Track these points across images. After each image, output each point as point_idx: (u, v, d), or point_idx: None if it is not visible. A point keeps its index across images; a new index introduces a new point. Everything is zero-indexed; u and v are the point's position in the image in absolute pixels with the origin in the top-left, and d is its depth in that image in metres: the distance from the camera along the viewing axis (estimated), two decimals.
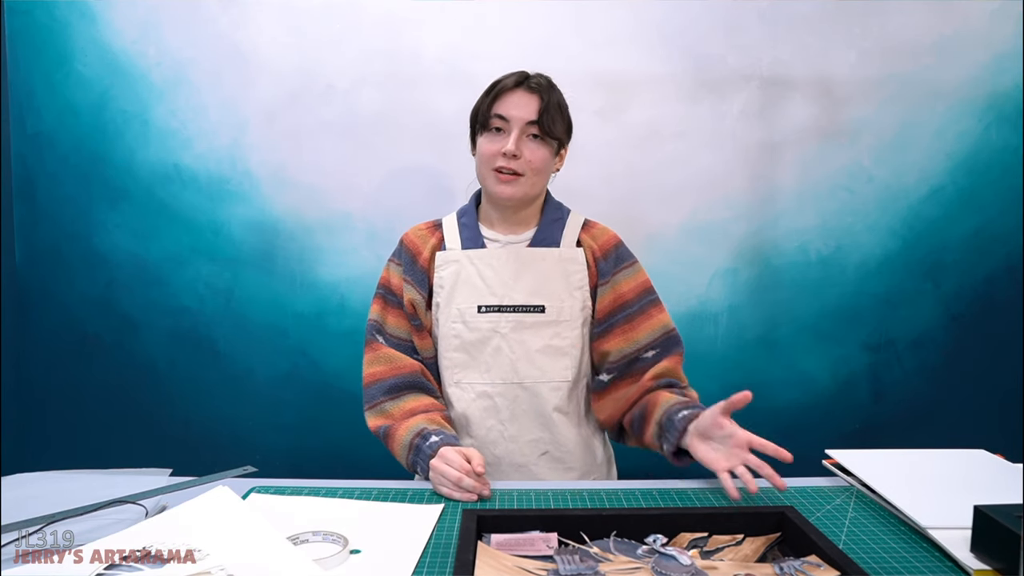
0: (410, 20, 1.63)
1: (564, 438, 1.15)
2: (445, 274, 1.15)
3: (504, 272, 1.13)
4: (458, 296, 1.14)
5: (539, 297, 1.13)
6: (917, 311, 1.72)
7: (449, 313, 1.14)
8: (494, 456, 1.13)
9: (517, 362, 1.12)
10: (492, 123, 1.11)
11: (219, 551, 0.72)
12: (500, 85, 1.12)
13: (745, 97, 1.66)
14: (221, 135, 1.64)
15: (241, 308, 1.68)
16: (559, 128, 1.12)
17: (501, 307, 1.12)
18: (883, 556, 0.76)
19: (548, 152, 1.12)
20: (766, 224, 1.69)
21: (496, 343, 1.12)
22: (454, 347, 1.14)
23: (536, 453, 1.14)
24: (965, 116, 1.67)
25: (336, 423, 1.66)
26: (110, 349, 1.68)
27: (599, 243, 1.17)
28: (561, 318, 1.13)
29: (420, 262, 1.16)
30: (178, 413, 1.69)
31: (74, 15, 1.60)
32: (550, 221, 1.18)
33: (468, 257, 1.15)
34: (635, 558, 0.71)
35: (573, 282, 1.14)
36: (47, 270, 1.66)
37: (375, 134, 1.65)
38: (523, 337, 1.12)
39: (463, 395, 1.14)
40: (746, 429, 0.94)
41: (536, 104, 1.09)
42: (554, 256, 1.15)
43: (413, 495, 0.94)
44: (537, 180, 1.12)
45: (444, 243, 1.17)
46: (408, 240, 1.20)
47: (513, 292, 1.13)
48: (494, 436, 1.13)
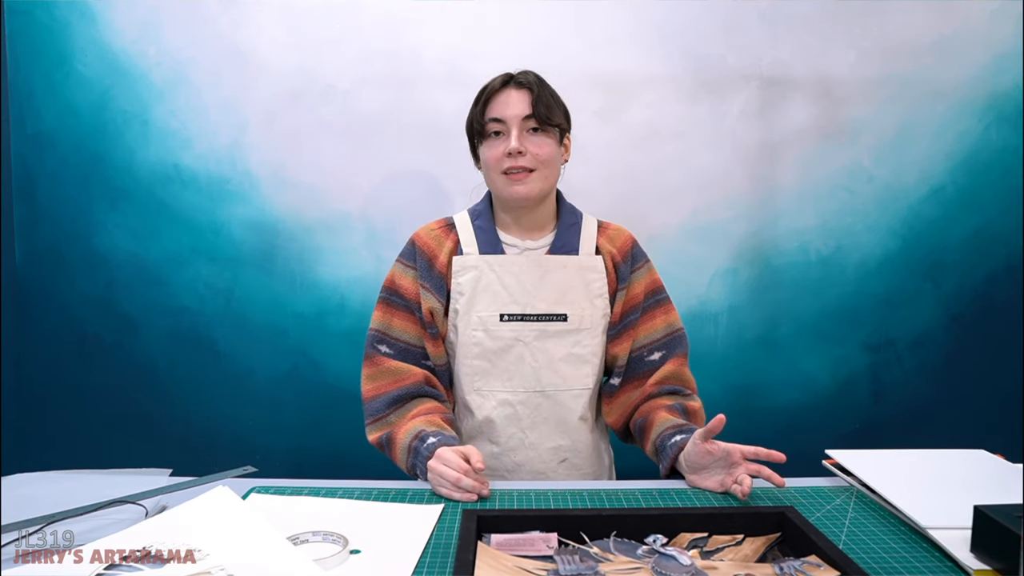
0: (410, 20, 1.63)
1: (583, 445, 1.15)
2: (464, 280, 1.12)
3: (526, 280, 1.11)
4: (479, 303, 1.11)
5: (561, 305, 1.11)
6: (917, 311, 1.72)
7: (469, 321, 1.11)
8: (514, 463, 1.13)
9: (540, 370, 1.11)
10: (489, 128, 1.10)
11: (219, 551, 0.72)
12: (488, 90, 1.11)
13: (745, 97, 1.66)
14: (221, 135, 1.64)
15: (241, 308, 1.68)
16: (557, 116, 1.10)
17: (524, 316, 1.11)
18: (883, 556, 0.76)
19: (552, 142, 1.10)
20: (766, 224, 1.69)
21: (519, 351, 1.11)
22: (475, 355, 1.12)
23: (556, 460, 1.13)
24: (965, 116, 1.67)
25: (336, 423, 1.66)
26: (110, 349, 1.68)
27: (617, 246, 1.16)
28: (583, 326, 1.12)
29: (437, 266, 1.13)
30: (178, 413, 1.69)
31: (74, 15, 1.60)
32: (567, 226, 1.16)
33: (488, 263, 1.12)
34: (635, 558, 0.71)
35: (593, 290, 1.13)
36: (47, 270, 1.66)
37: (375, 134, 1.65)
38: (546, 346, 1.11)
39: (484, 402, 1.13)
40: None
41: (528, 98, 1.08)
42: (575, 264, 1.13)
43: (413, 495, 0.94)
44: (549, 173, 1.10)
45: (460, 246, 1.14)
46: (422, 242, 1.15)
47: (535, 300, 1.11)
48: (515, 443, 1.12)
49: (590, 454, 1.16)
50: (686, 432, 1.01)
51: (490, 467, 1.13)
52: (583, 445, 1.15)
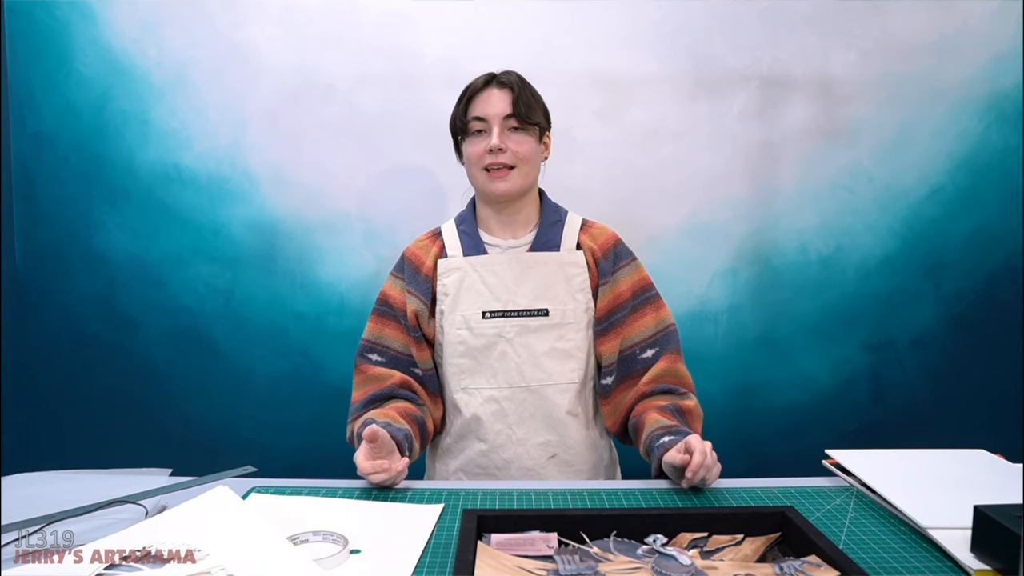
0: (410, 20, 1.63)
1: (573, 440, 1.15)
2: (448, 281, 1.16)
3: (507, 277, 1.14)
4: (462, 303, 1.14)
5: (542, 301, 1.14)
6: (917, 311, 1.71)
7: (454, 320, 1.14)
8: (503, 460, 1.14)
9: (523, 366, 1.13)
10: (472, 126, 1.14)
11: (219, 551, 0.72)
12: (471, 89, 1.15)
13: (745, 97, 1.66)
14: (221, 135, 1.64)
15: (241, 308, 1.68)
16: (536, 115, 1.14)
17: (505, 312, 1.13)
18: (883, 556, 0.76)
19: (532, 140, 1.14)
20: (766, 224, 1.69)
21: (502, 348, 1.13)
22: (460, 353, 1.14)
23: (545, 456, 1.14)
24: (965, 116, 1.67)
25: (336, 423, 1.65)
26: (110, 349, 1.68)
27: (598, 243, 1.18)
28: (565, 320, 1.14)
29: (424, 271, 1.17)
30: (178, 413, 1.69)
31: (74, 15, 1.60)
32: (549, 224, 1.19)
33: (471, 264, 1.16)
34: (635, 558, 0.71)
35: (575, 285, 1.15)
36: (47, 270, 1.66)
37: (375, 134, 1.65)
38: (528, 341, 1.13)
39: (471, 400, 1.15)
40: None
41: (509, 97, 1.12)
42: (555, 260, 1.16)
43: (413, 495, 0.94)
44: (529, 170, 1.14)
45: (445, 251, 1.18)
46: (410, 253, 1.21)
47: (516, 297, 1.14)
48: (502, 440, 1.14)
49: (582, 451, 1.16)
50: (675, 433, 1.01)
51: (479, 465, 1.16)
52: (573, 441, 1.15)
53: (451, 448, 1.19)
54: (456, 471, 1.18)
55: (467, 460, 1.17)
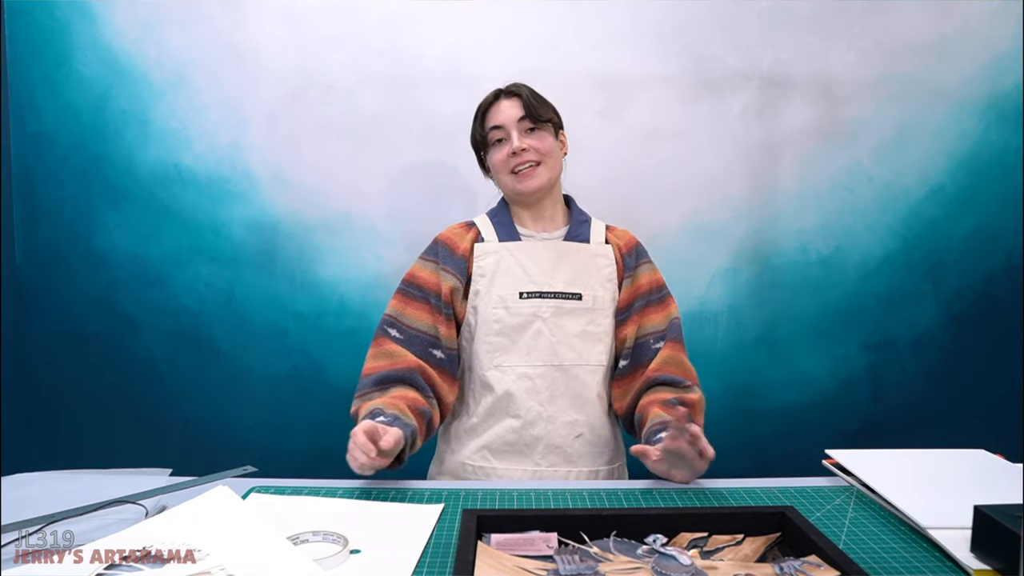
0: (410, 20, 1.63)
1: (599, 422, 1.20)
2: (485, 263, 1.20)
3: (543, 262, 1.20)
4: (499, 283, 1.19)
5: (576, 286, 1.20)
6: (917, 311, 1.72)
7: (490, 299, 1.19)
8: (533, 436, 1.17)
9: (557, 345, 1.17)
10: (491, 136, 1.22)
11: (219, 551, 0.72)
12: (482, 105, 1.23)
13: (745, 97, 1.66)
14: (221, 135, 1.64)
15: (241, 308, 1.68)
16: (548, 112, 1.22)
17: (542, 293, 1.19)
18: (883, 556, 0.76)
19: (549, 135, 1.21)
20: (766, 224, 1.69)
21: (537, 327, 1.17)
22: (495, 331, 1.18)
23: (572, 435, 1.18)
24: (965, 116, 1.67)
25: (336, 423, 1.64)
26: (110, 349, 1.68)
27: (623, 242, 1.27)
28: (596, 306, 1.20)
29: (459, 252, 1.21)
30: (178, 413, 1.69)
31: (74, 15, 1.60)
32: (579, 222, 1.27)
33: (507, 248, 1.22)
34: (635, 558, 0.71)
35: (604, 275, 1.22)
36: (47, 270, 1.66)
37: (375, 134, 1.65)
38: (562, 322, 1.18)
39: (504, 377, 1.18)
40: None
41: (519, 103, 1.20)
42: (587, 250, 1.23)
43: (413, 495, 0.94)
44: (553, 163, 1.21)
45: (481, 236, 1.24)
46: (444, 238, 1.25)
47: (552, 280, 1.19)
48: (533, 416, 1.17)
49: (605, 433, 1.21)
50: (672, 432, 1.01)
51: (507, 442, 1.17)
52: (599, 423, 1.20)
53: (476, 427, 1.20)
54: (479, 450, 1.19)
55: (495, 437, 1.18)
